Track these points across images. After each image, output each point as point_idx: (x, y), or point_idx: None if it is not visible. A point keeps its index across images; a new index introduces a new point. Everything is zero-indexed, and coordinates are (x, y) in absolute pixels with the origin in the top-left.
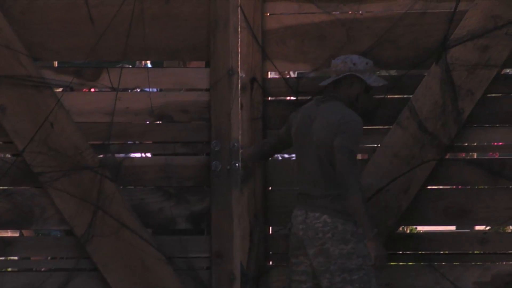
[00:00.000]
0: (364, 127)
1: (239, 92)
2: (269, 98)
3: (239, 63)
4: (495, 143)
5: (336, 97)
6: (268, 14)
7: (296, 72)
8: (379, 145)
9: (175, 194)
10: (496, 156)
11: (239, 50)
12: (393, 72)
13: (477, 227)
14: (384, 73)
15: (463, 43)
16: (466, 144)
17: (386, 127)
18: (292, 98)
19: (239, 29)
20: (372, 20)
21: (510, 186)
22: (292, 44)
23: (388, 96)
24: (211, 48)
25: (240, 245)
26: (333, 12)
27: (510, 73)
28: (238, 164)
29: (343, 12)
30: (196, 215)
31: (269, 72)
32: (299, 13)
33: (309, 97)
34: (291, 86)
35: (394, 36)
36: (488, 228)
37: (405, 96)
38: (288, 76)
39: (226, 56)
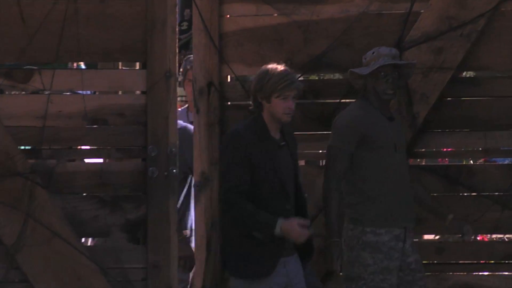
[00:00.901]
0: (320, 132)
1: (177, 94)
2: (229, 103)
3: (176, 65)
4: (450, 149)
5: (361, 96)
6: (226, 16)
7: None
8: None
9: (110, 202)
10: (446, 162)
11: (176, 51)
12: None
13: (427, 236)
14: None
15: (418, 45)
16: (423, 149)
17: None
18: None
19: (177, 30)
20: (328, 22)
21: (466, 194)
22: (249, 47)
23: (345, 101)
24: (148, 49)
25: (176, 255)
26: (291, 14)
27: (466, 76)
28: (176, 170)
29: (300, 14)
30: (132, 223)
31: (228, 76)
32: (256, 15)
33: None
34: (248, 90)
35: (350, 38)
36: (437, 237)
37: None
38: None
39: (163, 58)
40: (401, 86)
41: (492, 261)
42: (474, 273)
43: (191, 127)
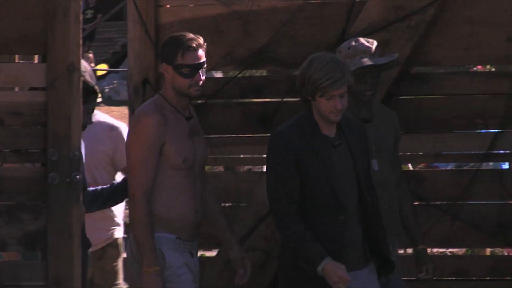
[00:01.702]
0: (261, 135)
1: (81, 91)
2: None
3: (80, 58)
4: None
5: None
6: (163, 6)
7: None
8: None
9: (5, 212)
10: None
11: (80, 43)
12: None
13: None
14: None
15: (363, 36)
16: None
17: None
18: None
19: (81, 19)
20: (270, 12)
21: (417, 203)
22: None
23: (286, 99)
24: (48, 40)
25: (80, 271)
26: (231, 4)
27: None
28: (79, 176)
29: (240, 4)
30: (30, 236)
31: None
32: (195, 5)
33: (203, 100)
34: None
35: (293, 30)
36: None
37: None
38: None
39: (65, 50)
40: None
41: (444, 278)
42: None
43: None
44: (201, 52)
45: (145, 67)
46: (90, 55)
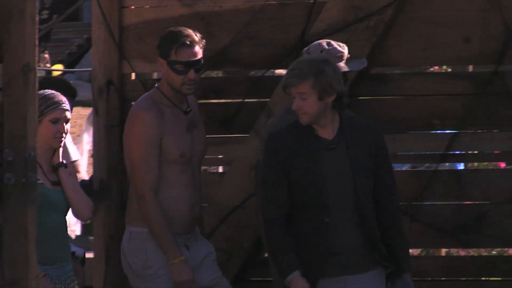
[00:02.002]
0: (221, 135)
1: (37, 91)
2: (132, 103)
3: (36, 58)
4: None
5: None
6: (127, 7)
7: None
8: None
9: None
10: None
11: (36, 43)
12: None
13: None
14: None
15: (323, 37)
16: None
17: (244, 135)
18: None
19: (37, 19)
20: (232, 13)
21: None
22: (150, 41)
23: (247, 100)
24: (3, 40)
25: (35, 271)
26: (193, 5)
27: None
28: (35, 177)
29: (202, 5)
30: None
31: (132, 74)
32: (158, 6)
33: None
34: (148, 89)
35: (253, 31)
36: None
37: (265, 100)
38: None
39: (21, 50)
40: None
41: None
42: None
43: None
44: (196, 49)
45: (109, 68)
46: (46, 55)
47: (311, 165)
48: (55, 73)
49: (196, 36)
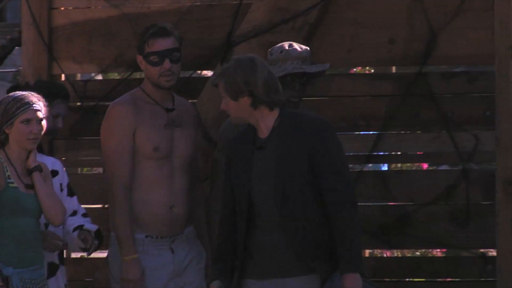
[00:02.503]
0: None
1: None
2: None
3: None
4: None
5: None
6: (56, 8)
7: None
8: None
9: None
10: None
11: None
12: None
13: None
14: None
15: (248, 39)
16: None
17: None
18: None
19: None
20: (159, 14)
21: None
22: (79, 42)
23: None
24: None
25: None
26: (121, 6)
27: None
28: None
29: (130, 6)
30: None
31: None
32: (87, 7)
33: (95, 103)
34: (77, 90)
35: (181, 32)
36: None
37: (193, 100)
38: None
39: None
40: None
41: None
42: None
43: None
44: (169, 39)
45: (39, 69)
46: None
47: (242, 165)
48: None
49: (168, 26)
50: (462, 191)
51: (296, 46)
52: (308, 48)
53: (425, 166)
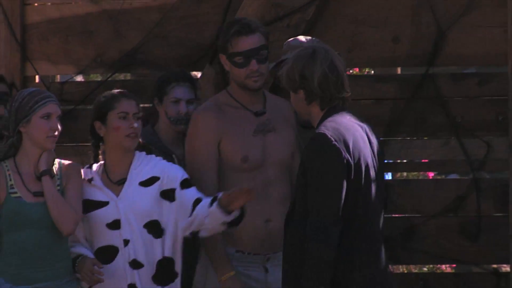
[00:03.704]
0: None
1: None
2: None
3: None
4: None
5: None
6: (30, 4)
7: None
8: None
9: None
10: None
11: None
12: None
13: None
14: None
15: None
16: None
17: None
18: None
19: None
20: (142, 11)
21: None
22: (55, 41)
23: None
24: None
25: None
26: (101, 2)
27: None
28: None
29: (110, 2)
30: None
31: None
32: (62, 3)
33: (73, 106)
34: (53, 92)
35: (165, 30)
36: None
37: None
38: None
39: None
40: None
41: None
42: None
43: None
44: (254, 37)
45: (11, 70)
46: None
47: None
48: None
49: (253, 22)
50: (473, 202)
51: (301, 37)
52: (315, 39)
53: (431, 175)
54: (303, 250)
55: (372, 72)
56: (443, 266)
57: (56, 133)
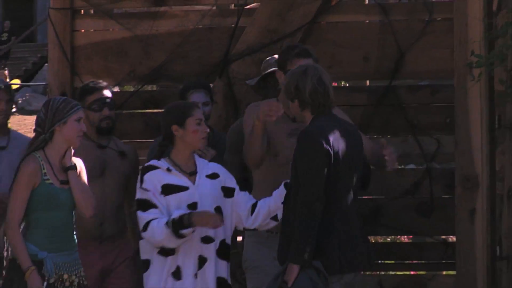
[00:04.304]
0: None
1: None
2: None
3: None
4: None
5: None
6: (78, 31)
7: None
8: None
9: None
10: None
11: None
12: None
13: None
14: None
15: (242, 57)
16: None
17: None
18: None
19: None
20: (166, 36)
21: None
22: (97, 59)
23: None
24: None
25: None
26: (133, 29)
27: None
28: None
29: (141, 29)
30: None
31: None
32: (103, 29)
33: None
34: None
35: (185, 51)
36: None
37: None
38: None
39: None
40: None
41: None
42: None
43: None
44: (309, 60)
45: (63, 83)
46: (6, 71)
47: None
48: (14, 87)
49: (310, 50)
50: (427, 187)
51: (275, 56)
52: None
53: None
54: (294, 221)
55: (347, 84)
56: (403, 237)
57: (82, 134)
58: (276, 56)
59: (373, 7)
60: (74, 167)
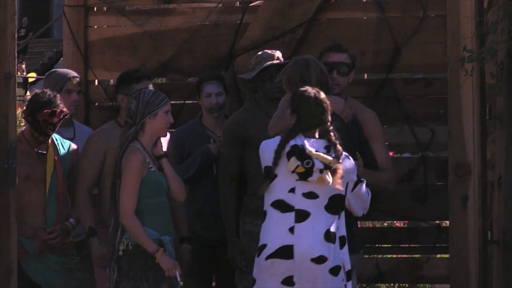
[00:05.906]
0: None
1: (16, 94)
2: (96, 104)
3: (15, 67)
4: None
5: (250, 99)
6: (91, 27)
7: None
8: None
9: None
10: None
11: (15, 56)
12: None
13: None
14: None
15: (247, 52)
16: None
17: None
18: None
19: (16, 36)
20: (174, 31)
21: None
22: (109, 54)
23: (187, 102)
24: None
25: (16, 243)
26: (143, 25)
27: None
28: (15, 163)
29: (151, 25)
30: None
31: (96, 80)
32: (115, 25)
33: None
34: (108, 92)
35: (192, 46)
36: None
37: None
38: None
39: (3, 62)
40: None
41: None
42: None
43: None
44: (342, 55)
45: None
46: (23, 65)
47: None
48: (30, 80)
49: (343, 46)
50: (421, 174)
51: (267, 50)
52: (278, 51)
53: (390, 154)
54: None
55: None
56: (398, 222)
57: (169, 124)
58: (268, 51)
59: (370, 4)
60: (166, 154)
